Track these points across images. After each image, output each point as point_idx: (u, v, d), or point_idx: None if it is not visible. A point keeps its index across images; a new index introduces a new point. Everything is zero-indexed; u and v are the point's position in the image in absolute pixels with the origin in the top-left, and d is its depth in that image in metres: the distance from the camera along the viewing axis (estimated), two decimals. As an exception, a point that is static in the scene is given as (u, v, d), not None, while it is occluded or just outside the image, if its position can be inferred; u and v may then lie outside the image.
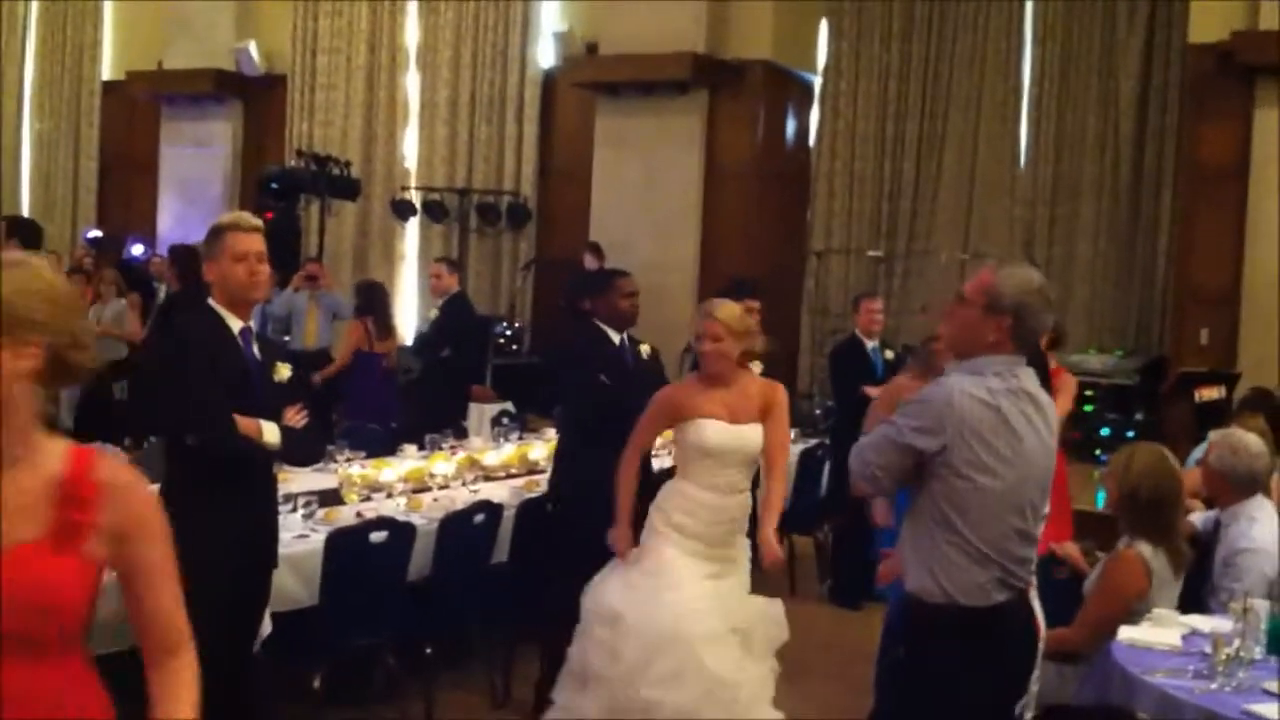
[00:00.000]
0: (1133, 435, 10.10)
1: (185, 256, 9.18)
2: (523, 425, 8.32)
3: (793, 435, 8.90)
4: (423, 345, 9.83)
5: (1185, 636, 4.06)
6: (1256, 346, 10.14)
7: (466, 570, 5.56)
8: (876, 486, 3.66)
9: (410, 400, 9.82)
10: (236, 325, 4.18)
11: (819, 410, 11.27)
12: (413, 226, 14.59)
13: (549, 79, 14.01)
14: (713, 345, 4.78)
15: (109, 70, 16.92)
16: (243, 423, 4.06)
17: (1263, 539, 4.64)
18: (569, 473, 5.76)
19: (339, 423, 8.82)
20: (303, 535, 5.08)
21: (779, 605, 4.87)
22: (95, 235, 15.84)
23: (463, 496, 6.08)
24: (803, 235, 13.39)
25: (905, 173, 12.96)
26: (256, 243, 4.20)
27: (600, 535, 5.13)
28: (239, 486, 4.14)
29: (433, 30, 14.62)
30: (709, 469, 4.76)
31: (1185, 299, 11.08)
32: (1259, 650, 3.85)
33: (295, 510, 5.30)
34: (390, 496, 5.99)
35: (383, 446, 7.09)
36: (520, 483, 6.54)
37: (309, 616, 4.90)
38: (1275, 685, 3.60)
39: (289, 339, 10.84)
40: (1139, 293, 11.97)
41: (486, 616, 5.79)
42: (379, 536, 5.12)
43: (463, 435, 7.66)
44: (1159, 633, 4.09)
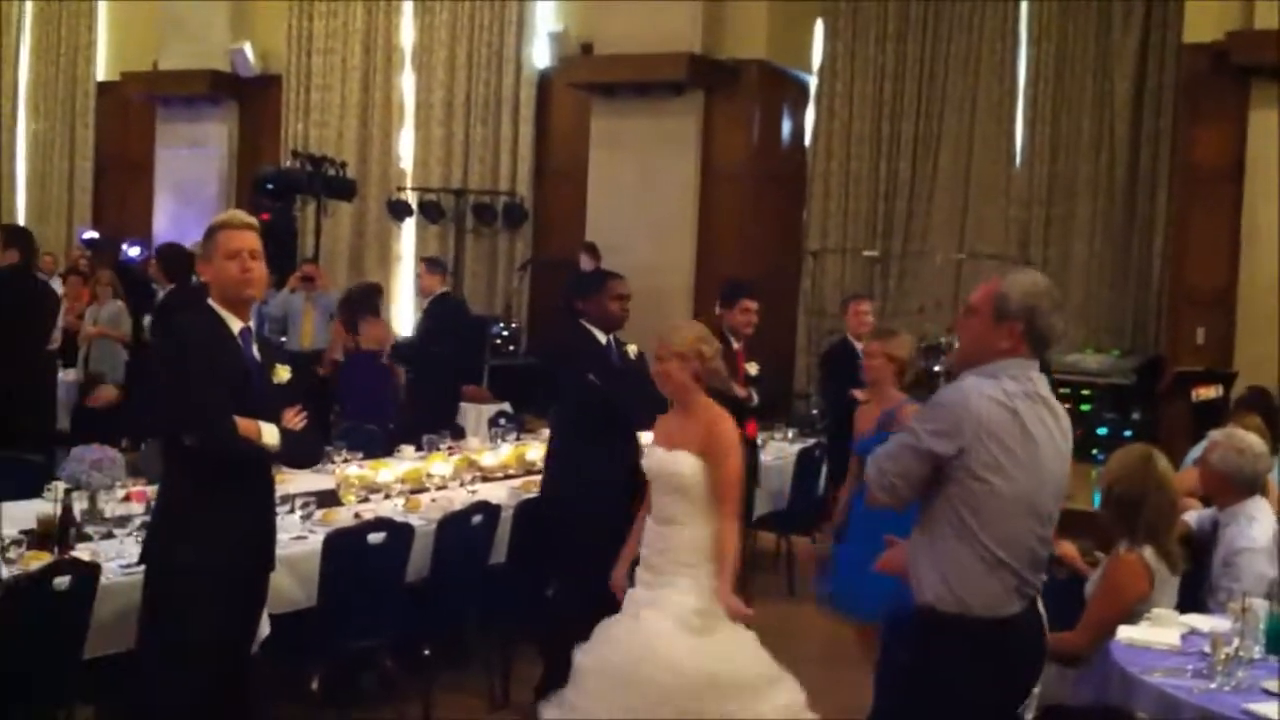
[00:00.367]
0: (1129, 435, 10.12)
1: (171, 256, 9.13)
2: (520, 426, 8.32)
3: (790, 435, 9.01)
4: (406, 347, 9.85)
5: (1184, 636, 4.06)
6: (1253, 346, 10.15)
7: (465, 571, 5.56)
8: (894, 496, 3.60)
9: (404, 400, 9.80)
10: (236, 326, 4.16)
11: (815, 410, 11.26)
12: (409, 227, 14.57)
13: (544, 79, 14.00)
14: (658, 366, 4.73)
15: (104, 71, 16.89)
16: (242, 424, 4.05)
17: (1262, 539, 4.65)
18: (562, 472, 5.76)
19: (336, 423, 8.81)
20: (300, 536, 5.08)
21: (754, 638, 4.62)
22: (91, 236, 15.81)
23: (460, 497, 6.08)
24: (798, 235, 13.39)
25: (901, 173, 12.96)
26: (250, 239, 4.17)
27: (594, 533, 5.13)
28: (237, 488, 4.13)
29: (428, 30, 14.61)
30: (653, 494, 4.72)
31: (1181, 298, 11.09)
32: (1258, 650, 3.85)
33: (293, 511, 5.30)
34: (388, 497, 6.00)
35: (380, 447, 7.10)
36: (518, 483, 6.54)
37: (307, 618, 4.90)
38: (1274, 685, 3.60)
39: (285, 339, 10.85)
40: (1135, 293, 11.97)
41: (485, 617, 5.79)
42: (377, 537, 5.12)
43: (460, 436, 7.66)
44: (1158, 632, 4.09)
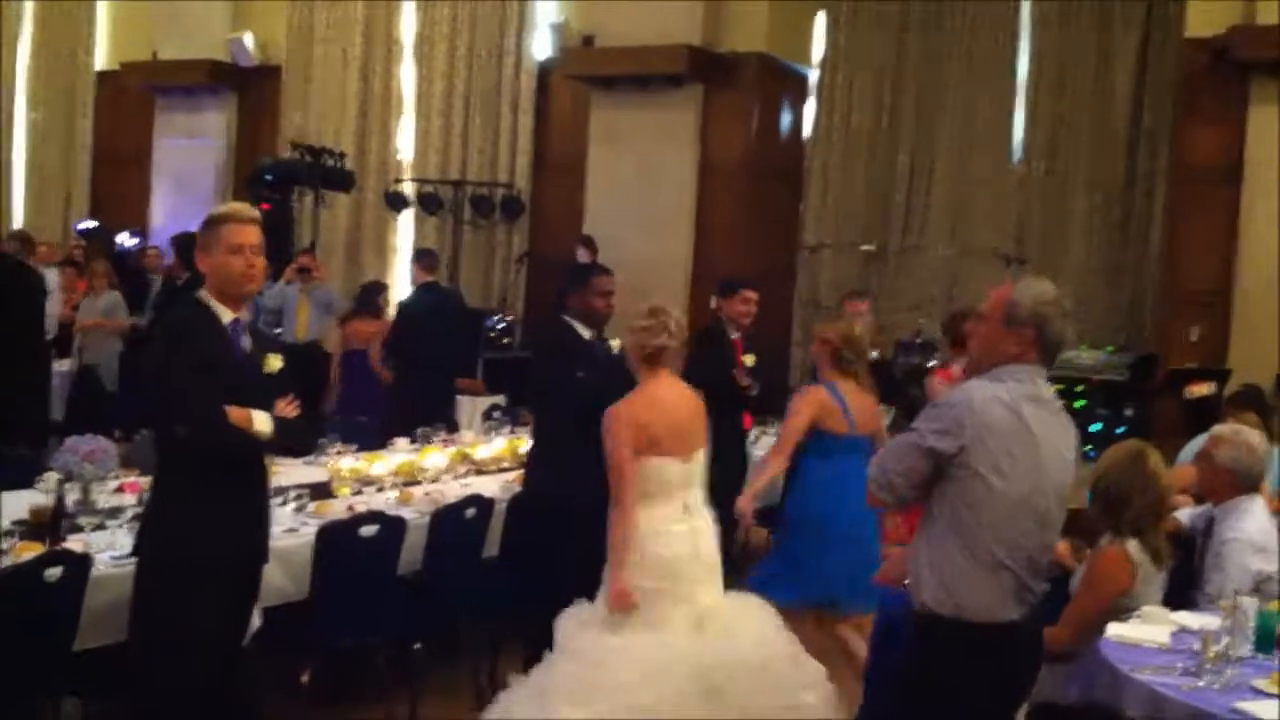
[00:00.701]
0: (1122, 431, 10.12)
1: (188, 246, 9.16)
2: (514, 419, 8.32)
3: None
4: (388, 341, 9.96)
5: (1174, 634, 4.07)
6: (1246, 343, 10.14)
7: (458, 565, 5.56)
8: (894, 495, 3.62)
9: (391, 395, 9.80)
10: (227, 317, 4.17)
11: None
12: (406, 218, 14.56)
13: (544, 71, 13.98)
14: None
15: (103, 61, 16.85)
16: (233, 412, 4.06)
17: (1249, 531, 4.66)
18: (546, 468, 5.72)
19: (331, 417, 8.82)
20: (293, 529, 5.09)
21: None
22: (87, 226, 15.80)
23: (454, 490, 6.09)
24: (795, 230, 13.37)
25: (899, 168, 12.92)
26: (253, 234, 4.19)
27: (579, 528, 5.11)
28: (230, 479, 4.13)
29: (428, 22, 14.58)
30: None
31: (1176, 296, 11.08)
32: (1247, 648, 3.86)
33: (286, 503, 5.31)
34: (381, 490, 6.00)
35: (374, 440, 7.10)
36: (511, 477, 6.55)
37: (298, 611, 4.90)
38: (1264, 683, 3.61)
39: (280, 331, 10.83)
40: (1130, 289, 11.96)
41: (477, 611, 5.79)
42: (370, 530, 5.12)
43: (454, 429, 7.65)
44: (1148, 630, 4.10)
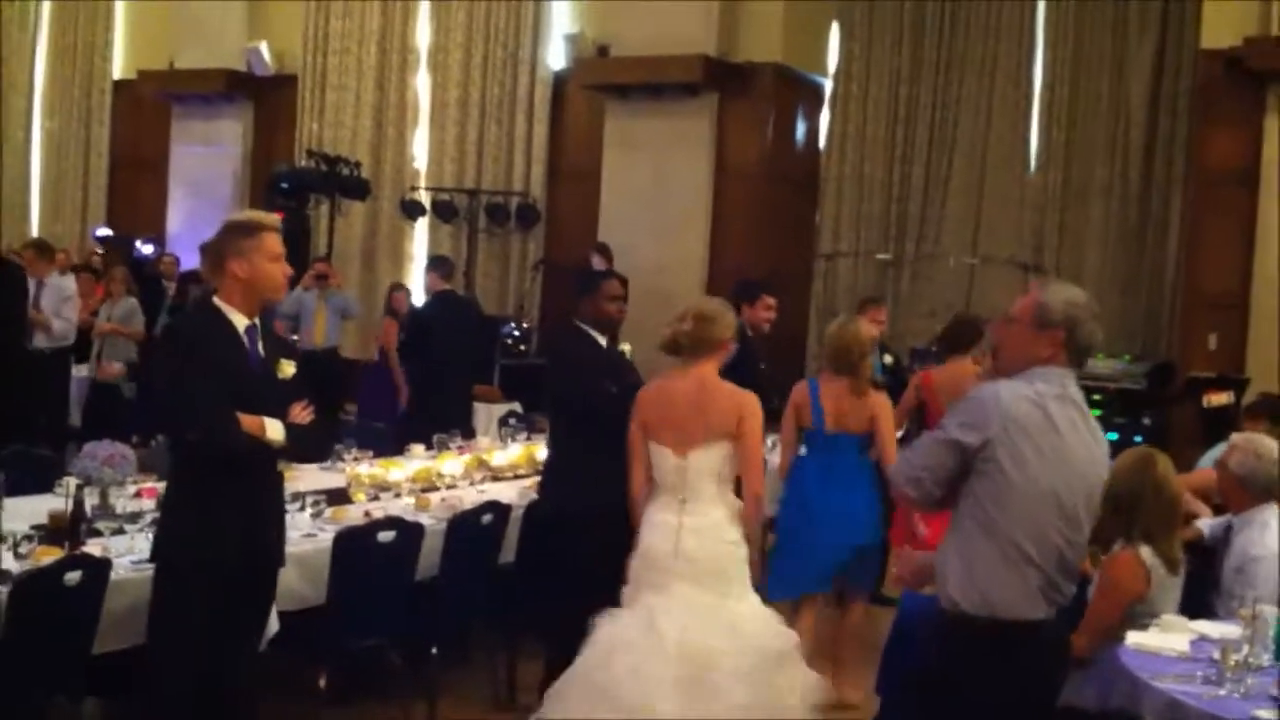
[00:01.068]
0: (1140, 440, 10.08)
1: None
2: (530, 425, 8.32)
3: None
4: (402, 347, 9.98)
5: (1194, 642, 4.06)
6: (1265, 352, 10.10)
7: (473, 571, 5.56)
8: (920, 490, 3.63)
9: (410, 400, 9.82)
10: (242, 323, 4.19)
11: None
12: (422, 226, 14.59)
13: (559, 80, 14.01)
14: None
15: (120, 69, 16.94)
16: (247, 420, 4.06)
17: (1273, 547, 4.63)
18: (565, 481, 5.66)
19: (349, 422, 8.85)
20: (310, 534, 5.10)
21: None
22: (105, 234, 15.87)
23: (470, 496, 6.09)
24: (811, 238, 13.37)
25: (914, 176, 12.93)
26: (282, 243, 4.27)
27: (601, 543, 5.12)
28: (243, 484, 4.14)
29: (443, 31, 14.62)
30: None
31: (1194, 304, 11.05)
32: (1267, 657, 3.84)
33: (303, 509, 5.32)
34: (398, 496, 6.01)
35: (390, 445, 7.11)
36: (528, 483, 6.55)
37: (316, 615, 4.91)
38: (1283, 691, 3.60)
39: (297, 338, 10.88)
40: (1147, 298, 11.93)
41: (493, 617, 5.79)
42: (387, 536, 5.12)
43: (470, 435, 7.67)
44: (1167, 638, 4.08)
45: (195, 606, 4.05)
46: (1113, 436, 10.60)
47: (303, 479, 5.85)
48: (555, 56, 14.01)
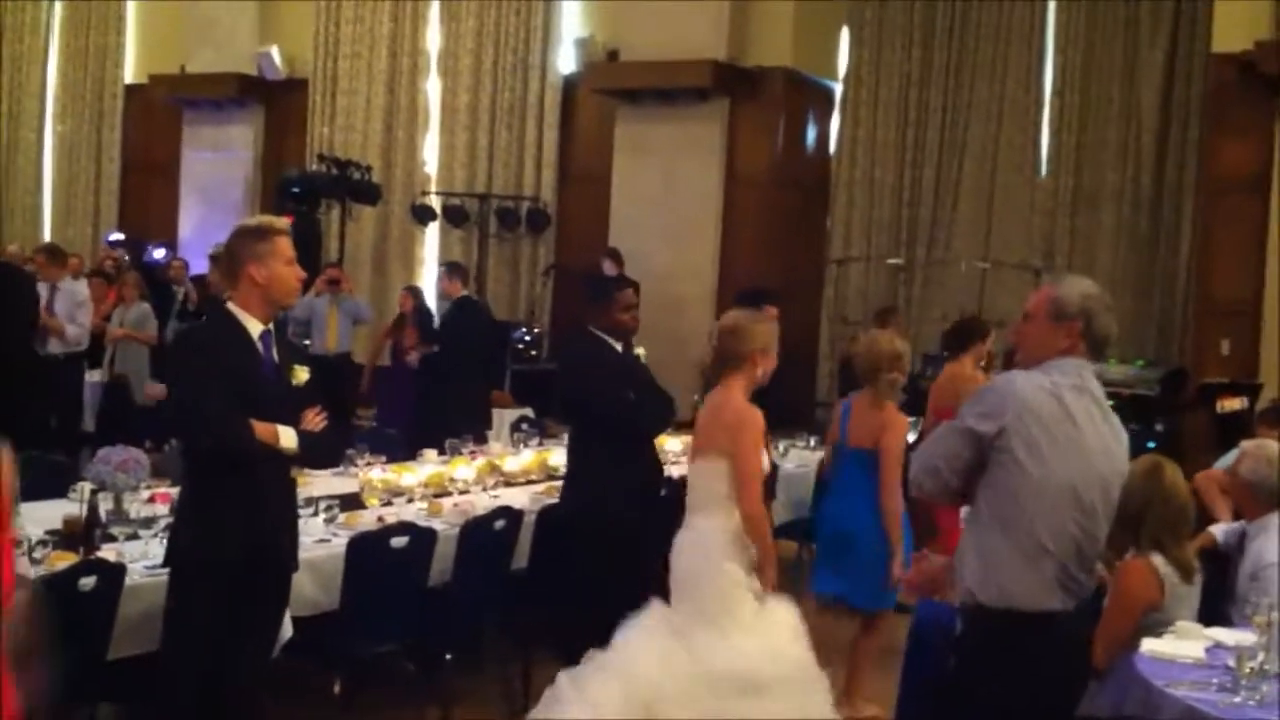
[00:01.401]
0: (1153, 446, 10.06)
1: None
2: (542, 431, 8.32)
3: (812, 443, 9.00)
4: (433, 356, 10.00)
5: (1209, 649, 4.04)
6: (1278, 357, 10.08)
7: (486, 576, 5.56)
8: (937, 481, 3.65)
9: (428, 404, 9.84)
10: (256, 329, 4.19)
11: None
12: (432, 231, 14.62)
13: (569, 85, 14.02)
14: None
15: (131, 74, 16.97)
16: (260, 428, 4.07)
17: (1288, 554, 4.62)
18: (584, 488, 5.69)
19: (363, 427, 8.87)
20: (324, 540, 5.10)
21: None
22: (118, 238, 15.90)
23: (483, 502, 6.09)
24: (822, 243, 13.37)
25: (925, 181, 12.93)
26: (293, 247, 4.28)
27: (621, 551, 5.11)
28: (256, 490, 4.14)
29: (454, 36, 14.65)
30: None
31: (1206, 309, 11.03)
32: (1283, 664, 3.83)
33: (316, 514, 5.33)
34: (411, 501, 6.01)
35: (403, 451, 7.11)
36: (540, 488, 6.56)
37: (329, 621, 4.92)
38: (1299, 699, 3.58)
39: (309, 343, 10.90)
40: (1159, 303, 11.91)
41: (506, 622, 5.79)
42: (399, 541, 5.13)
43: (483, 440, 7.67)
44: (1182, 645, 4.07)
45: (208, 611, 4.06)
46: (1125, 442, 10.61)
47: (315, 484, 5.85)
48: (565, 61, 14.02)
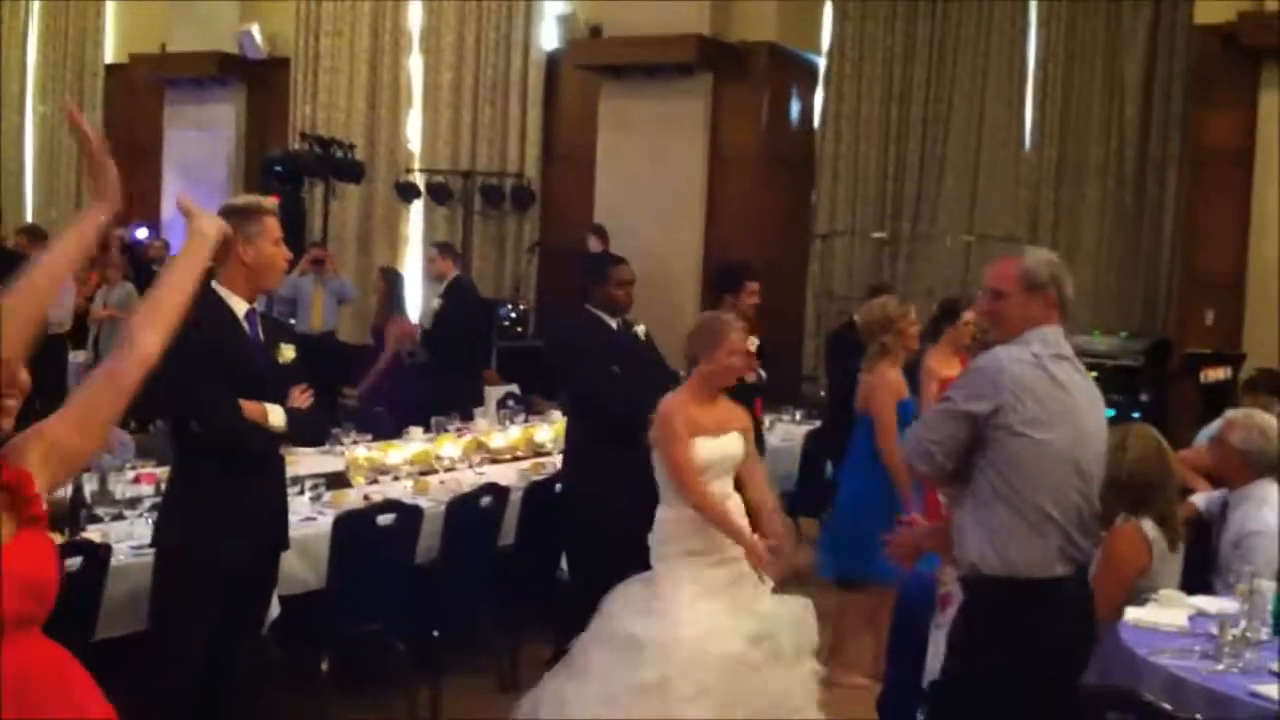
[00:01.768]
0: (1138, 416, 10.10)
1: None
2: (528, 408, 8.34)
3: (798, 417, 9.04)
4: (432, 336, 9.95)
5: (1191, 618, 4.06)
6: (1261, 328, 10.12)
7: (473, 553, 5.57)
8: (932, 464, 3.68)
9: (421, 386, 9.82)
10: (242, 308, 4.20)
11: (824, 393, 11.26)
12: (417, 209, 14.57)
13: (552, 61, 13.96)
14: (742, 360, 4.85)
15: (112, 53, 16.87)
16: (248, 407, 4.07)
17: (1273, 522, 4.64)
18: (584, 468, 5.68)
19: (349, 406, 8.85)
20: (310, 518, 5.10)
21: (807, 606, 4.76)
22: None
23: (469, 479, 6.10)
24: (807, 218, 13.37)
25: (910, 155, 12.92)
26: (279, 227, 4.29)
27: (615, 530, 5.12)
28: (247, 470, 4.15)
29: (436, 13, 14.57)
30: (711, 481, 4.72)
31: (1190, 281, 11.06)
32: (1265, 631, 3.85)
33: (302, 493, 5.32)
34: (397, 479, 6.01)
35: (389, 429, 7.11)
36: (526, 465, 6.57)
37: (316, 600, 4.92)
38: (1281, 666, 3.61)
39: (294, 322, 10.87)
40: (1144, 275, 11.94)
41: (494, 599, 5.80)
42: (386, 519, 5.13)
43: (469, 418, 7.67)
44: (1165, 614, 4.09)
45: (198, 593, 4.06)
46: (1110, 413, 10.61)
47: (301, 463, 5.85)
48: (548, 37, 13.96)
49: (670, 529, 4.70)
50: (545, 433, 7.19)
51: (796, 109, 13.41)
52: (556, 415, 7.58)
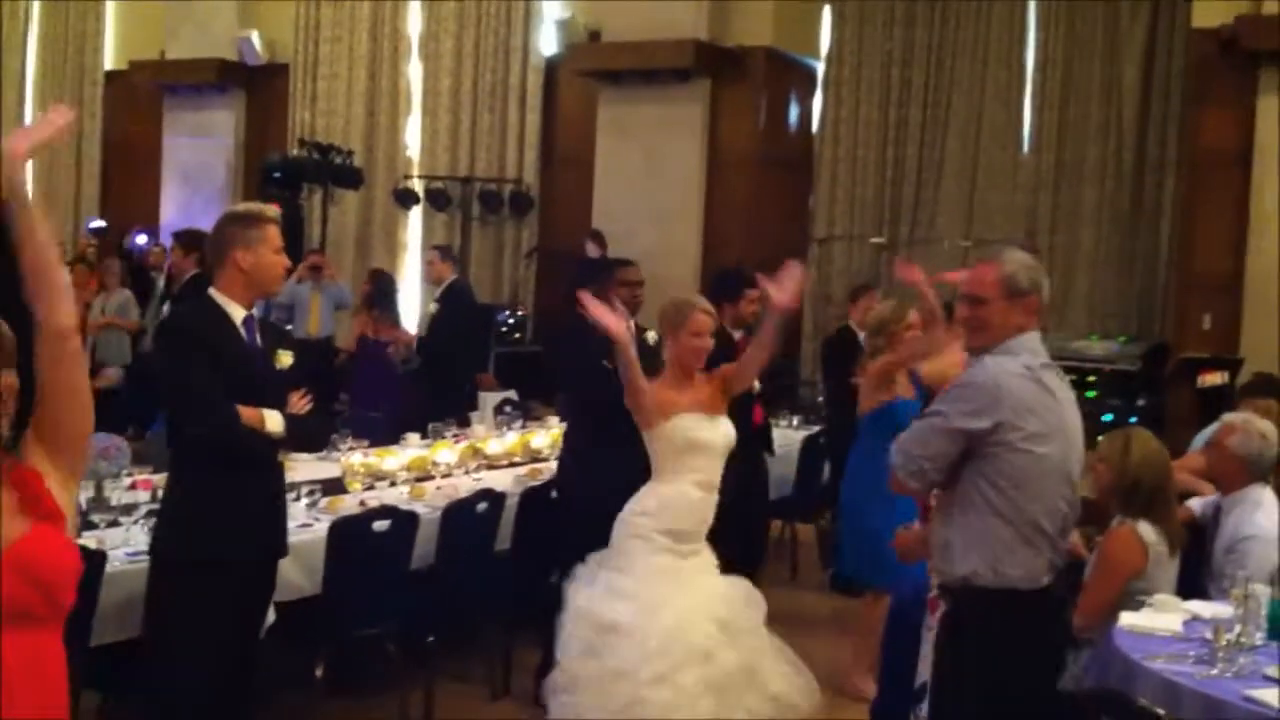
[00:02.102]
0: (1135, 421, 10.09)
1: (197, 241, 9.18)
2: (525, 413, 8.33)
3: (795, 422, 9.04)
4: (427, 341, 9.95)
5: (1186, 622, 4.06)
6: (1259, 332, 10.10)
7: (469, 559, 5.57)
8: (923, 480, 3.65)
9: (417, 391, 9.83)
10: (239, 314, 4.19)
11: (821, 398, 11.25)
12: (415, 215, 14.58)
13: (551, 67, 13.97)
14: (704, 341, 4.82)
15: (111, 60, 16.89)
16: (246, 413, 4.07)
17: (1267, 526, 4.64)
18: (579, 469, 5.68)
19: (343, 412, 8.84)
20: (306, 524, 5.10)
21: (744, 582, 4.79)
22: (98, 225, 15.83)
23: (465, 485, 6.09)
24: (805, 222, 13.36)
25: (908, 159, 12.92)
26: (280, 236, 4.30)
27: (601, 529, 5.12)
28: (245, 476, 4.15)
29: (435, 19, 14.58)
30: (698, 465, 4.72)
31: (1188, 285, 11.04)
32: (1260, 636, 3.85)
33: (299, 499, 5.32)
34: (393, 485, 6.01)
35: (386, 435, 7.10)
36: (523, 471, 6.55)
37: (312, 605, 4.92)
38: (1276, 671, 3.61)
39: (292, 329, 10.87)
40: (1141, 279, 11.93)
41: (489, 605, 5.80)
42: (382, 525, 5.13)
43: (465, 423, 7.67)
44: (1160, 618, 4.09)
45: (199, 600, 4.06)
46: (1108, 418, 10.64)
47: (298, 469, 5.84)
48: (547, 43, 13.97)
49: (656, 503, 4.67)
50: (542, 438, 7.18)
51: (794, 113, 13.42)
52: (553, 421, 7.57)
